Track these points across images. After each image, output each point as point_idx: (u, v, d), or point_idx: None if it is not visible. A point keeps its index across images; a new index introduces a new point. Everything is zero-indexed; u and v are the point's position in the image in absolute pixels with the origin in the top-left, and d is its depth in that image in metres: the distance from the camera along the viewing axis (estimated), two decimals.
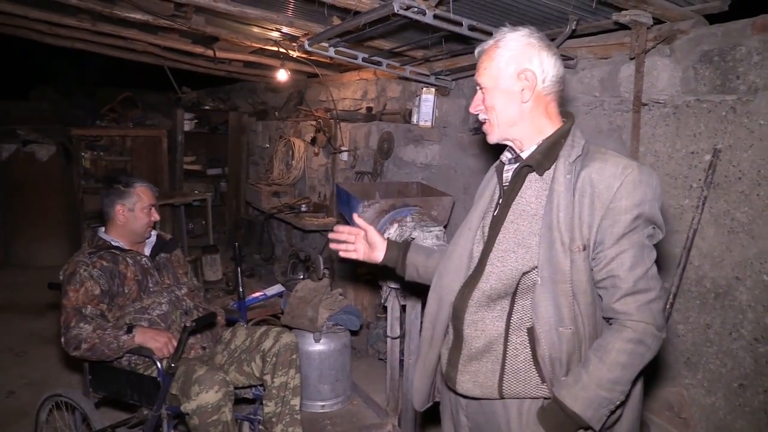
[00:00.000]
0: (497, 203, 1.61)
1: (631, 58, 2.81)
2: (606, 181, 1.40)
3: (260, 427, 2.88)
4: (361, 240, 1.96)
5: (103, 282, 2.59)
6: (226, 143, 7.76)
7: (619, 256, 1.39)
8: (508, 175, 1.62)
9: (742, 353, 2.49)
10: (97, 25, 4.54)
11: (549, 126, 1.55)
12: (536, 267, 1.46)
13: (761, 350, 2.42)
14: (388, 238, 1.98)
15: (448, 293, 1.62)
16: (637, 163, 1.44)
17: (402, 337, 3.35)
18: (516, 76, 1.51)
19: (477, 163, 3.96)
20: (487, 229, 1.60)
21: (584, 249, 1.41)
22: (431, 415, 1.97)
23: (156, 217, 2.85)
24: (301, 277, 5.54)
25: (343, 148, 5.41)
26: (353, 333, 3.93)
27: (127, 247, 2.77)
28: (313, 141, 5.83)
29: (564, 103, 1.72)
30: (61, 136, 6.79)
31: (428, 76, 4.17)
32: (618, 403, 1.42)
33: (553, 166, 1.50)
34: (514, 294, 1.50)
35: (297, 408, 2.80)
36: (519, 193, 1.55)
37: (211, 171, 8.02)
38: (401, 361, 3.36)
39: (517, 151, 1.60)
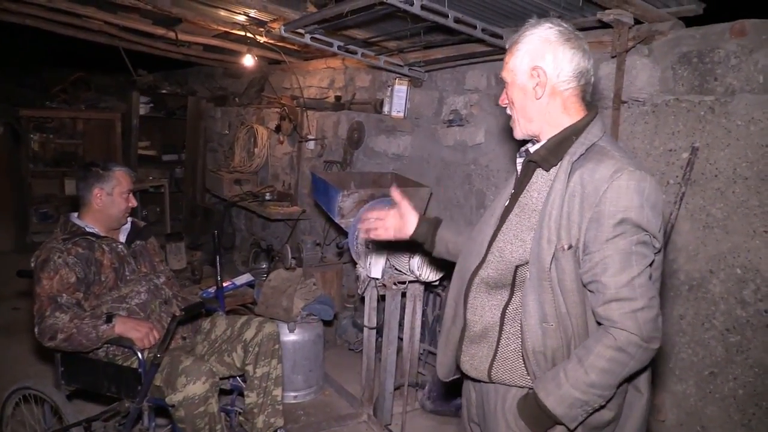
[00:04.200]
0: (510, 193, 1.65)
1: (613, 57, 2.88)
2: (595, 183, 1.39)
3: (240, 418, 2.83)
4: (393, 217, 1.95)
5: (78, 269, 2.48)
6: (182, 129, 7.54)
7: (602, 261, 1.37)
8: (519, 167, 1.64)
9: (714, 343, 2.61)
10: (52, 1, 4.32)
11: (568, 122, 1.54)
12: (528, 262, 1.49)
13: (732, 340, 2.55)
14: (420, 213, 1.95)
15: (467, 274, 1.64)
16: (630, 168, 1.39)
17: (379, 327, 3.36)
18: (529, 73, 1.53)
19: (450, 155, 3.99)
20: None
21: (569, 248, 1.40)
22: None
23: (134, 203, 2.75)
24: (264, 266, 5.48)
25: (309, 137, 5.35)
26: (325, 323, 3.91)
27: (102, 234, 2.66)
28: (278, 129, 5.73)
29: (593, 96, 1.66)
30: (8, 116, 6.47)
31: (402, 66, 4.17)
32: (596, 406, 1.41)
33: (559, 163, 1.49)
34: (513, 286, 1.53)
35: (279, 399, 2.77)
36: (526, 187, 1.57)
37: (166, 157, 7.80)
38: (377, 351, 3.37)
39: (531, 145, 1.62)
